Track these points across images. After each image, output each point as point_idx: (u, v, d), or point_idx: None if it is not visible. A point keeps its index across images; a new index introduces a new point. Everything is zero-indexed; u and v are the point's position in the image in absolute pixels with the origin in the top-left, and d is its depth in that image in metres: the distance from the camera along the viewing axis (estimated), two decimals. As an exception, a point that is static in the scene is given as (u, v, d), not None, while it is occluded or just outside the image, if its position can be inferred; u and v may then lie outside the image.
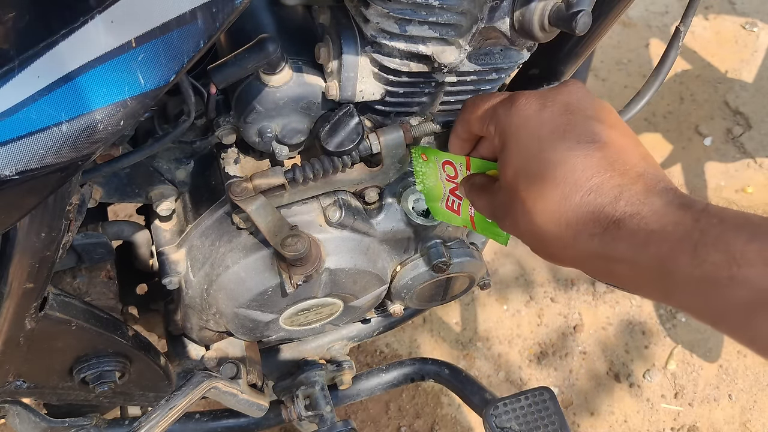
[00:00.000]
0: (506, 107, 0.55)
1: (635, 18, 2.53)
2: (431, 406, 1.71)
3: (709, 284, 0.43)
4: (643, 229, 0.46)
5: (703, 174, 2.14)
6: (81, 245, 0.82)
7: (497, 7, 0.59)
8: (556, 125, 0.52)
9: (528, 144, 0.53)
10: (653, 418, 1.71)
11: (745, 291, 0.41)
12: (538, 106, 0.54)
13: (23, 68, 0.42)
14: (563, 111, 0.53)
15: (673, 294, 0.46)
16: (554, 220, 0.51)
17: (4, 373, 0.76)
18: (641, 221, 0.46)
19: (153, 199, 0.82)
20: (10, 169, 0.42)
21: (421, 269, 0.85)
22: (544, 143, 0.52)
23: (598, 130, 0.51)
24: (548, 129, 0.52)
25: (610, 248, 0.48)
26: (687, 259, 0.44)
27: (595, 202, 0.49)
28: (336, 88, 0.68)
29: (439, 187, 0.73)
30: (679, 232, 0.45)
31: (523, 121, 0.54)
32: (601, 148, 0.50)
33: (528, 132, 0.53)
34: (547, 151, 0.51)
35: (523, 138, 0.53)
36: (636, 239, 0.46)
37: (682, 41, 0.79)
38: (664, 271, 0.45)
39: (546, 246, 0.54)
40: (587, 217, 0.49)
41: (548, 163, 0.51)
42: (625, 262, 0.48)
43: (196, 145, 0.78)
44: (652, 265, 0.46)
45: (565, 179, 0.50)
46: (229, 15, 0.44)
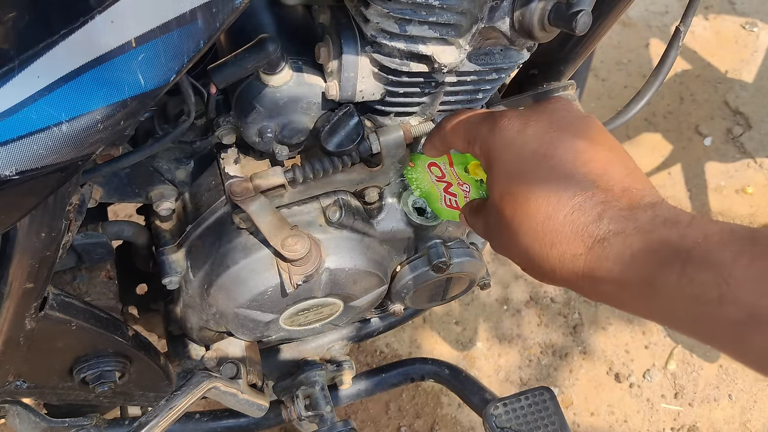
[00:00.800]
0: (489, 127, 0.55)
1: (635, 18, 2.53)
2: (431, 406, 1.71)
3: (699, 303, 0.42)
4: (628, 247, 0.45)
5: (703, 174, 2.14)
6: (81, 245, 0.82)
7: (497, 7, 0.59)
8: (539, 144, 0.52)
9: (512, 165, 0.52)
10: (653, 418, 1.71)
11: (735, 309, 0.40)
12: (520, 125, 0.53)
13: (23, 68, 0.42)
14: (546, 129, 0.52)
15: (663, 313, 0.45)
16: (539, 241, 0.50)
17: (4, 373, 0.76)
18: (626, 239, 0.46)
19: (153, 199, 0.82)
20: (10, 169, 0.42)
21: (421, 269, 0.85)
22: (527, 163, 0.51)
23: (581, 148, 0.51)
24: (531, 149, 0.52)
25: (596, 267, 0.47)
26: (675, 279, 0.43)
27: (578, 221, 0.48)
28: (336, 88, 0.68)
29: (434, 189, 0.73)
30: (665, 250, 0.44)
31: (506, 142, 0.53)
32: (584, 165, 0.50)
33: (512, 153, 0.53)
34: (530, 172, 0.51)
35: (507, 159, 0.53)
36: (622, 258, 0.46)
37: (682, 41, 0.79)
38: (652, 290, 0.44)
39: (534, 266, 0.53)
40: (571, 237, 0.48)
41: (532, 183, 0.51)
42: (611, 282, 0.47)
43: (196, 145, 0.78)
44: (640, 285, 0.45)
45: (548, 199, 0.49)
46: (229, 15, 0.44)
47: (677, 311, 0.44)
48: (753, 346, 0.41)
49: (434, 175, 0.70)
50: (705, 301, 0.41)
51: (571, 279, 0.50)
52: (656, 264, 0.44)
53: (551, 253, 0.50)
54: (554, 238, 0.49)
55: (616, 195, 0.48)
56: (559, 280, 0.52)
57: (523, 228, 0.51)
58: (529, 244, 0.51)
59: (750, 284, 0.40)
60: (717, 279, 0.41)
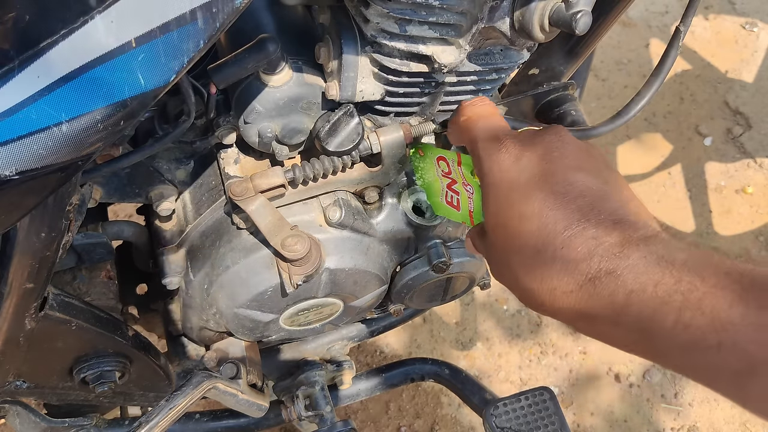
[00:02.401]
0: (487, 150, 0.54)
1: (635, 18, 2.53)
2: (431, 406, 1.71)
3: (698, 350, 0.41)
4: (621, 288, 0.44)
5: (703, 174, 2.14)
6: (81, 245, 0.82)
7: (497, 7, 0.59)
8: (532, 175, 0.50)
9: (505, 195, 0.51)
10: (653, 418, 1.71)
11: (735, 358, 0.39)
12: (516, 154, 0.52)
13: (23, 68, 0.42)
14: (540, 159, 0.51)
15: (662, 356, 0.44)
16: (530, 275, 0.49)
17: (4, 373, 0.76)
18: (618, 280, 0.44)
19: (153, 199, 0.82)
20: (10, 169, 0.42)
21: (421, 269, 0.85)
22: (519, 194, 0.50)
23: (575, 179, 0.49)
24: (524, 179, 0.50)
25: (589, 307, 0.46)
26: (671, 324, 0.41)
27: (568, 257, 0.46)
28: (336, 88, 0.68)
29: (437, 182, 0.73)
30: (661, 293, 0.42)
31: (501, 170, 0.52)
32: (576, 198, 0.48)
33: (505, 182, 0.51)
34: (522, 203, 0.50)
35: (501, 188, 0.52)
36: (614, 299, 0.44)
37: (682, 41, 0.79)
38: (649, 334, 0.43)
39: (527, 298, 0.51)
40: (561, 274, 0.46)
41: (523, 215, 0.49)
42: (606, 322, 0.45)
43: (196, 145, 0.78)
44: (636, 328, 0.43)
45: (539, 233, 0.48)
46: (229, 15, 0.44)
47: (677, 356, 0.42)
48: (753, 395, 0.40)
49: (441, 169, 0.70)
50: (704, 348, 0.40)
51: (565, 314, 0.49)
52: (652, 307, 0.42)
53: (542, 287, 0.48)
54: (544, 273, 0.48)
55: (606, 229, 0.46)
56: (554, 314, 0.50)
57: (514, 261, 0.50)
58: (522, 277, 0.50)
59: (749, 333, 0.39)
60: (714, 326, 0.40)
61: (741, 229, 2.03)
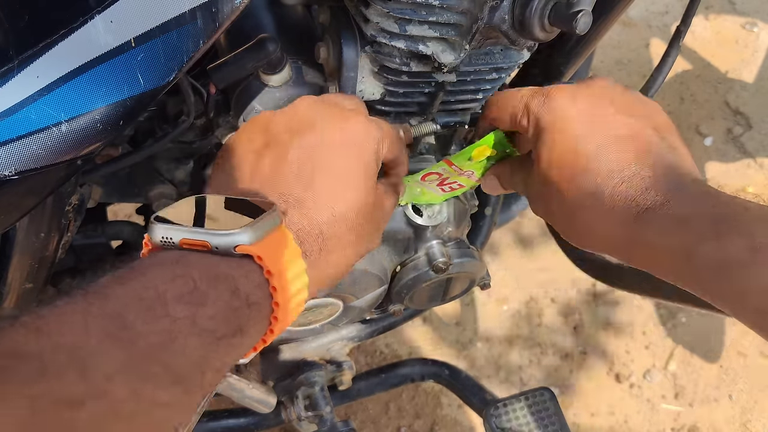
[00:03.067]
0: (539, 101, 0.56)
1: (635, 18, 2.53)
2: (431, 407, 1.71)
3: (731, 267, 0.44)
4: (671, 216, 0.48)
5: (704, 174, 2.14)
6: (81, 245, 0.82)
7: (497, 7, 0.59)
8: (589, 118, 0.53)
9: (562, 137, 0.54)
10: (654, 418, 1.71)
11: (765, 279, 0.43)
12: (570, 99, 0.55)
13: (23, 68, 0.42)
14: (595, 104, 0.54)
15: (694, 278, 0.48)
16: (587, 209, 0.52)
17: (4, 373, 0.76)
18: (669, 210, 0.48)
19: (153, 199, 0.82)
20: (10, 169, 0.42)
21: (421, 269, 0.85)
22: (577, 136, 0.53)
23: (629, 123, 0.53)
24: (581, 122, 0.53)
25: (638, 235, 0.50)
26: (711, 244, 0.45)
27: (626, 192, 0.50)
28: (336, 87, 0.67)
29: (424, 191, 0.73)
30: (706, 220, 0.47)
31: (557, 114, 0.55)
32: (632, 140, 0.52)
33: (562, 125, 0.54)
34: (581, 144, 0.53)
35: (558, 131, 0.54)
36: (663, 227, 0.48)
37: (683, 41, 0.79)
38: (687, 255, 0.47)
39: (575, 231, 0.55)
40: (619, 206, 0.50)
41: (582, 155, 0.52)
42: (649, 246, 0.49)
43: (196, 145, 0.78)
44: (676, 251, 0.48)
45: (599, 171, 0.51)
46: (229, 15, 0.44)
47: (709, 276, 0.46)
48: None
49: (428, 182, 0.71)
50: (737, 264, 0.44)
51: (609, 243, 0.52)
52: (696, 232, 0.46)
53: (597, 220, 0.52)
54: (603, 207, 0.51)
55: (662, 170, 0.51)
56: (597, 244, 0.54)
57: (571, 194, 0.53)
58: (575, 211, 0.53)
59: None
60: (751, 245, 0.43)
61: (741, 229, 2.03)
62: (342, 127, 0.52)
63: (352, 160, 0.52)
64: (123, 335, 0.33)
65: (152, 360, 0.33)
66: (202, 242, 0.41)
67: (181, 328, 0.35)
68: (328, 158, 0.51)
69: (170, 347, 0.34)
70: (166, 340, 0.34)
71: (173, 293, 0.36)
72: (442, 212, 0.77)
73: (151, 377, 0.33)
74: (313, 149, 0.51)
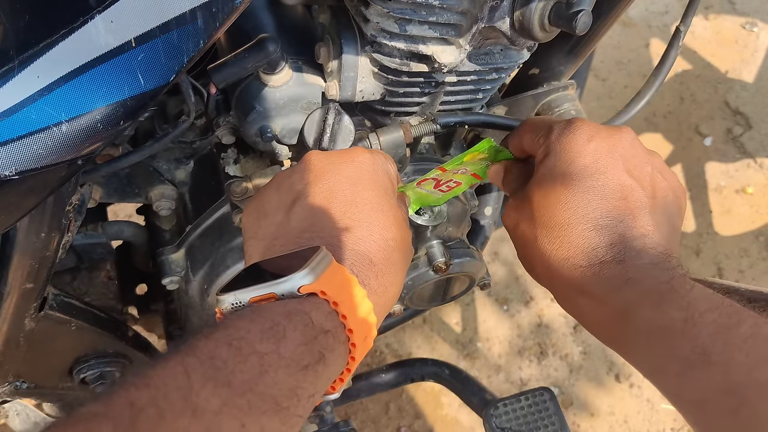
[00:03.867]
0: (561, 127, 0.58)
1: (635, 18, 2.53)
2: (431, 407, 1.71)
3: (663, 334, 0.46)
4: (622, 276, 0.50)
5: (703, 174, 2.14)
6: (81, 245, 0.82)
7: (497, 7, 0.59)
8: (595, 161, 0.55)
9: (562, 163, 0.56)
10: (653, 418, 1.71)
11: (689, 347, 0.45)
12: (588, 136, 0.56)
13: (23, 68, 0.42)
14: (609, 152, 0.55)
15: (625, 340, 0.50)
16: (550, 237, 0.54)
17: (4, 373, 0.76)
18: (624, 270, 0.50)
19: (153, 199, 0.82)
20: (10, 169, 0.42)
21: (421, 269, 0.85)
22: (575, 169, 0.55)
23: (629, 184, 0.54)
24: (588, 160, 0.55)
25: (587, 283, 0.51)
26: (651, 310, 0.47)
27: (592, 239, 0.52)
28: (336, 87, 0.68)
29: (423, 195, 0.73)
30: (653, 288, 0.48)
31: (570, 142, 0.56)
32: (623, 199, 0.53)
33: (569, 153, 0.56)
34: (574, 178, 0.54)
35: (562, 156, 0.56)
36: (613, 283, 0.50)
37: (682, 41, 0.79)
38: (626, 315, 0.49)
39: (531, 255, 0.57)
40: (579, 249, 0.52)
41: (569, 187, 0.54)
42: (593, 299, 0.51)
43: (196, 145, 0.78)
44: (617, 308, 0.49)
45: (578, 208, 0.53)
46: (229, 15, 0.44)
47: (641, 341, 0.48)
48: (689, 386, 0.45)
49: (425, 188, 0.71)
50: (669, 332, 0.46)
51: (557, 282, 0.54)
52: (640, 293, 0.49)
53: (555, 253, 0.53)
54: (563, 243, 0.53)
55: (634, 236, 0.52)
56: (544, 279, 0.56)
57: (542, 220, 0.55)
58: (539, 236, 0.55)
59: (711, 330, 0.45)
60: (686, 318, 0.45)
61: (741, 230, 2.03)
62: (353, 163, 0.54)
63: (373, 187, 0.53)
64: (219, 376, 0.36)
65: (250, 392, 0.36)
66: (269, 294, 0.43)
67: (270, 361, 0.38)
68: (353, 192, 0.52)
69: (263, 380, 0.37)
70: (258, 373, 0.37)
71: (255, 333, 0.39)
72: (442, 212, 0.77)
73: (252, 408, 0.36)
74: (336, 189, 0.52)
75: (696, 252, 1.98)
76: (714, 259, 1.97)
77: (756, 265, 1.96)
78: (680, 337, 0.45)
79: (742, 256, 1.98)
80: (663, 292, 0.48)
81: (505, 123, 0.77)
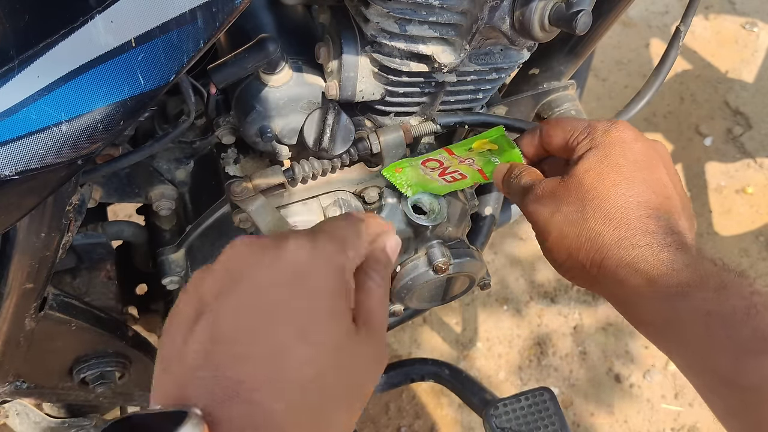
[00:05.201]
0: (606, 125, 0.61)
1: (635, 18, 2.53)
2: (431, 407, 1.71)
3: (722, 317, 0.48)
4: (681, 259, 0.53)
5: (704, 174, 2.14)
6: (81, 245, 0.82)
7: (497, 7, 0.59)
8: (645, 157, 0.59)
9: (614, 156, 0.58)
10: (653, 418, 1.71)
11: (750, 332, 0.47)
12: (634, 136, 0.60)
13: (23, 68, 0.42)
14: (653, 153, 0.59)
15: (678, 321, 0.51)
16: (606, 222, 0.56)
17: (4, 373, 0.76)
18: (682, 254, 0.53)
19: (153, 199, 0.82)
20: (10, 169, 0.42)
21: (421, 269, 0.85)
22: (629, 162, 0.57)
23: (670, 186, 0.58)
24: (639, 157, 0.58)
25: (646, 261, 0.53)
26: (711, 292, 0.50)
27: (647, 224, 0.54)
28: (336, 87, 0.68)
29: (426, 179, 0.73)
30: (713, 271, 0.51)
31: (618, 139, 0.59)
32: (667, 197, 0.57)
33: (619, 148, 0.58)
34: (628, 170, 0.57)
35: (612, 151, 0.58)
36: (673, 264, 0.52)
37: (682, 41, 0.79)
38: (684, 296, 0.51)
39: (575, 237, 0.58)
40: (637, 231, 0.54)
41: (627, 177, 0.57)
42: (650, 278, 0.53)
43: (196, 145, 0.78)
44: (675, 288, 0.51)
45: (633, 195, 0.56)
46: (229, 15, 0.44)
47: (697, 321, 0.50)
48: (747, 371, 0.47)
49: (429, 168, 0.71)
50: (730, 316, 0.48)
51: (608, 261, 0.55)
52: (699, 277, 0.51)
53: (612, 233, 0.55)
54: (621, 223, 0.55)
55: (682, 231, 0.55)
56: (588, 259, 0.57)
57: (595, 203, 0.56)
58: (591, 218, 0.56)
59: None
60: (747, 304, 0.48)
61: (741, 230, 2.03)
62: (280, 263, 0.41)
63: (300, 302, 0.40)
64: None
65: None
66: None
67: None
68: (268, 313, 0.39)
69: None
70: None
71: None
72: (442, 212, 0.77)
73: None
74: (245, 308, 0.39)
75: (696, 252, 1.98)
76: (714, 259, 1.97)
77: (756, 265, 1.96)
78: (741, 322, 0.46)
79: (742, 256, 1.98)
80: (725, 280, 0.49)
81: (505, 123, 0.77)
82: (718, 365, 0.49)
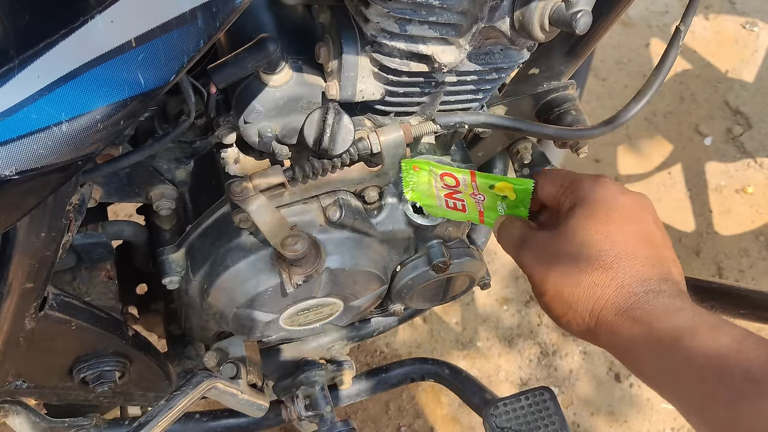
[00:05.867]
0: (591, 180, 0.64)
1: (635, 18, 2.53)
2: (431, 406, 1.71)
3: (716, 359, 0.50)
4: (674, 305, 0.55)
5: (703, 174, 2.14)
6: (81, 245, 0.82)
7: (497, 7, 0.59)
8: (633, 210, 0.61)
9: (604, 209, 0.61)
10: (653, 418, 1.71)
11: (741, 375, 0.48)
12: (620, 190, 0.63)
13: (23, 68, 0.42)
14: (640, 206, 0.62)
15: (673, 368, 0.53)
16: (601, 272, 0.58)
17: (4, 373, 0.76)
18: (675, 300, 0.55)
19: (153, 199, 0.82)
20: (10, 169, 0.42)
21: (421, 269, 0.85)
22: (617, 216, 0.60)
23: (659, 236, 0.61)
24: (627, 210, 0.61)
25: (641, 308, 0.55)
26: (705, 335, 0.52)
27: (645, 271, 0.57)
28: (336, 87, 0.67)
29: (432, 194, 0.73)
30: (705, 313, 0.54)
31: (605, 193, 0.62)
32: (656, 246, 0.59)
33: (608, 203, 0.61)
34: (619, 221, 0.59)
35: (601, 205, 0.61)
36: (668, 309, 0.55)
37: (683, 41, 0.79)
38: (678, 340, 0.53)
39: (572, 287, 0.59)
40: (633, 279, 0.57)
41: (618, 228, 0.59)
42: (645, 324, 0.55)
43: (196, 145, 0.78)
44: (669, 333, 0.53)
45: (626, 245, 0.58)
46: (229, 15, 0.44)
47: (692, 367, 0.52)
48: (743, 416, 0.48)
49: (444, 183, 0.71)
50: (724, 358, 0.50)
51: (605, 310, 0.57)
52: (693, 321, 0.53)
53: (609, 282, 0.57)
54: (617, 273, 0.57)
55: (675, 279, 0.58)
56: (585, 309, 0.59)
57: (589, 254, 0.58)
58: (586, 269, 0.58)
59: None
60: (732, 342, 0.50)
61: (741, 229, 2.03)
62: None
63: None
64: None
65: None
66: None
67: None
68: None
69: None
70: None
71: None
72: (442, 212, 0.77)
73: None
74: None
75: (696, 252, 1.98)
76: (714, 259, 1.97)
77: (756, 265, 1.96)
78: (734, 365, 0.48)
79: (742, 256, 1.98)
80: (717, 323, 0.52)
81: (505, 123, 0.77)
82: (716, 415, 0.49)
